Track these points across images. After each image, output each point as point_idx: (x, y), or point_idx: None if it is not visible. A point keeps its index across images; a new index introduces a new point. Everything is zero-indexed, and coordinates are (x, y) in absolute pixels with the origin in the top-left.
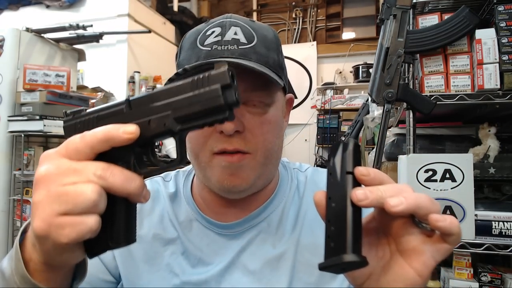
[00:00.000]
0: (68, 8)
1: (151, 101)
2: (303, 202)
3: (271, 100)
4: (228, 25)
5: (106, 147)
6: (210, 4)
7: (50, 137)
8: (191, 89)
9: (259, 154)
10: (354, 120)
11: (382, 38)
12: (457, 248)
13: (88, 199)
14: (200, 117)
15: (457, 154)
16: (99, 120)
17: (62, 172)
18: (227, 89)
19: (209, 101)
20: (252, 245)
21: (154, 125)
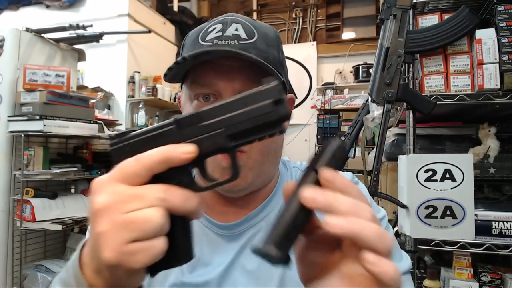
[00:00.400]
0: (68, 8)
1: (201, 120)
2: None
3: None
4: (229, 21)
5: (164, 168)
6: (210, 4)
7: (50, 137)
8: (243, 106)
9: (254, 152)
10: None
11: (382, 38)
12: (457, 248)
13: (156, 223)
14: (253, 133)
15: (457, 154)
16: (149, 142)
17: (124, 199)
18: (279, 103)
19: (262, 117)
20: (250, 244)
21: (207, 144)
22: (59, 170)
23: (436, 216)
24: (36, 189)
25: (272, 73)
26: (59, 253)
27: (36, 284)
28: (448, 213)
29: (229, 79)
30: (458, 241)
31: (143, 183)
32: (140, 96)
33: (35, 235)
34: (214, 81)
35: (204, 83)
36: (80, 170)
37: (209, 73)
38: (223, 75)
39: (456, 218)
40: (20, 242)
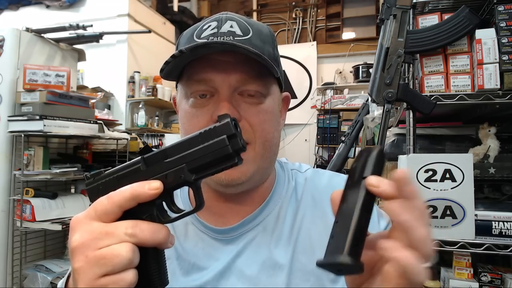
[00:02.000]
0: (68, 8)
1: (165, 157)
2: (301, 205)
3: (267, 91)
4: (224, 19)
5: (133, 204)
6: (210, 4)
7: (50, 137)
8: (200, 142)
9: (258, 144)
10: (354, 120)
11: (382, 38)
12: (457, 248)
13: (124, 258)
14: (212, 166)
15: (457, 154)
16: (120, 180)
17: (96, 237)
18: (232, 138)
19: (218, 151)
20: (248, 249)
21: (171, 178)
22: (59, 170)
23: (436, 216)
24: (36, 189)
25: (268, 65)
26: (59, 253)
27: (36, 284)
28: (448, 213)
29: (225, 75)
30: (458, 241)
31: (115, 219)
32: (140, 96)
33: (35, 235)
34: (210, 77)
35: (200, 79)
36: (80, 170)
37: (206, 69)
38: (219, 70)
39: (456, 218)
40: (20, 242)
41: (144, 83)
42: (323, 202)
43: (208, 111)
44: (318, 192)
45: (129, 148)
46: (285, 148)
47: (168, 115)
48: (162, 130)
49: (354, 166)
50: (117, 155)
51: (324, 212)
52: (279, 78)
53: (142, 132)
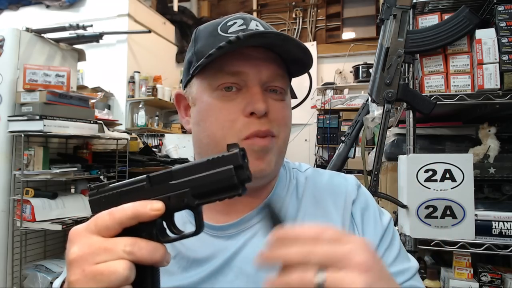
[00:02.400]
0: (68, 8)
1: (170, 179)
2: (302, 204)
3: (287, 89)
4: (249, 18)
5: (134, 222)
6: (210, 4)
7: (50, 137)
8: (207, 169)
9: (281, 139)
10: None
11: (382, 38)
12: (457, 248)
13: (121, 275)
14: (216, 194)
15: (457, 154)
16: (123, 196)
17: (94, 251)
18: (239, 169)
19: (224, 180)
20: (247, 247)
21: (174, 201)
22: (59, 170)
23: (436, 216)
24: (36, 189)
25: (306, 61)
26: (59, 253)
27: (36, 284)
28: (448, 213)
29: (258, 69)
30: (458, 241)
31: (114, 235)
32: (140, 96)
33: (35, 235)
34: (243, 70)
35: (233, 72)
36: (80, 170)
37: (239, 62)
38: (252, 64)
39: (456, 218)
40: (20, 242)
41: (144, 83)
42: (324, 201)
43: (239, 104)
44: (319, 191)
45: (129, 148)
46: None
47: (168, 115)
48: (162, 130)
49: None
50: (117, 155)
51: (325, 210)
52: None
53: (142, 132)
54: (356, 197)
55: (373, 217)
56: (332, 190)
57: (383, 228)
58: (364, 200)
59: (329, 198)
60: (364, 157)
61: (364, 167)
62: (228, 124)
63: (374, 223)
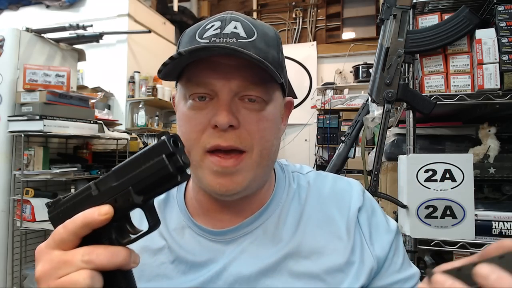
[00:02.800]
0: (68, 8)
1: (112, 180)
2: (306, 208)
3: (269, 97)
4: (228, 19)
5: (88, 231)
6: (210, 4)
7: (50, 137)
8: (142, 163)
9: (255, 153)
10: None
11: (382, 38)
12: (457, 248)
13: (82, 285)
14: (157, 186)
15: (457, 154)
16: (76, 206)
17: (55, 266)
18: (172, 156)
19: (159, 171)
20: (247, 252)
21: (121, 202)
22: (59, 170)
23: (436, 216)
24: (36, 189)
25: (271, 72)
26: None
27: (36, 284)
28: (448, 213)
29: (226, 79)
30: (458, 241)
31: (74, 246)
32: (140, 96)
33: (35, 235)
34: (210, 81)
35: (200, 82)
36: (80, 170)
37: (206, 72)
38: (220, 74)
39: (456, 218)
40: (20, 242)
41: (144, 83)
42: (328, 206)
43: (206, 115)
44: (323, 196)
45: (129, 148)
46: (285, 148)
47: (168, 115)
48: (162, 130)
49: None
50: (117, 155)
51: (329, 216)
52: (283, 83)
53: (142, 132)
54: (362, 204)
55: (382, 223)
56: (336, 195)
57: (391, 234)
58: (370, 207)
59: (333, 204)
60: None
61: (364, 167)
62: (195, 135)
63: (383, 230)
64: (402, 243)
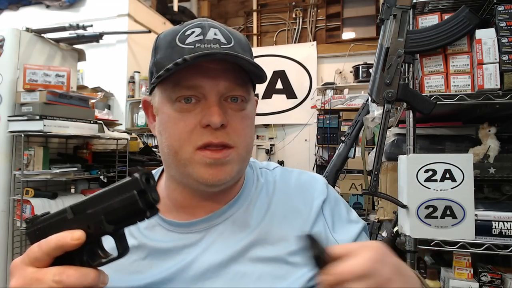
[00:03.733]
0: (68, 8)
1: (87, 208)
2: (273, 200)
3: (249, 97)
4: (207, 26)
5: (60, 252)
6: (210, 4)
7: (50, 137)
8: (115, 196)
9: (241, 148)
10: (354, 120)
11: (382, 38)
12: (457, 248)
13: None
14: (127, 218)
15: (457, 154)
16: (52, 227)
17: (27, 282)
18: (142, 193)
19: (129, 206)
20: (217, 242)
21: (93, 229)
22: (59, 170)
23: (436, 216)
24: (36, 189)
25: (260, 74)
26: None
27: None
28: (448, 213)
29: (214, 82)
30: (458, 241)
31: (47, 265)
32: (140, 96)
33: None
34: (200, 83)
35: (189, 85)
36: (80, 170)
37: (195, 75)
38: (208, 77)
39: (456, 218)
40: (20, 242)
41: (144, 83)
42: (294, 198)
43: (196, 116)
44: (289, 188)
45: (129, 148)
46: (285, 148)
47: None
48: None
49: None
50: (117, 155)
51: (295, 207)
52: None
53: (142, 132)
54: (326, 197)
55: (343, 214)
56: (301, 188)
57: (356, 225)
58: (334, 199)
59: (299, 196)
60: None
61: (364, 167)
62: (185, 135)
63: (345, 220)
64: (367, 238)
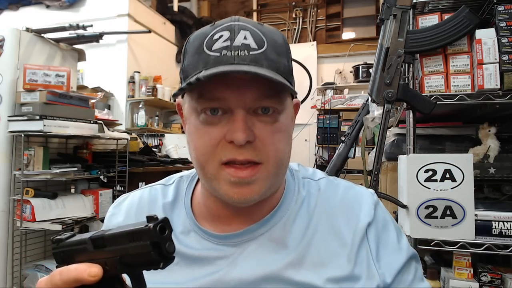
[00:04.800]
0: (68, 8)
1: (105, 244)
2: (313, 218)
3: (282, 107)
4: (237, 29)
5: (78, 284)
6: (210, 4)
7: (50, 137)
8: (132, 240)
9: (271, 164)
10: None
11: (382, 38)
12: (457, 248)
13: None
14: (141, 265)
15: (457, 154)
16: (74, 254)
17: None
18: (155, 246)
19: (144, 255)
20: (251, 257)
21: (110, 266)
22: (59, 170)
23: (436, 216)
24: (36, 189)
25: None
26: None
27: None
28: (448, 213)
29: (240, 94)
30: (458, 241)
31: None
32: (140, 96)
33: (35, 235)
34: (224, 96)
35: (213, 97)
36: (80, 170)
37: (219, 87)
38: (233, 89)
39: (456, 218)
40: (20, 242)
41: (144, 83)
42: (337, 218)
43: (221, 130)
44: (332, 206)
45: (129, 148)
46: None
47: (168, 115)
48: (162, 130)
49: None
50: (117, 155)
51: (336, 229)
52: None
53: (142, 132)
54: (372, 219)
55: (391, 241)
56: (346, 206)
57: (403, 255)
58: (382, 221)
59: (342, 216)
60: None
61: (364, 167)
62: (210, 149)
63: (392, 248)
64: (417, 267)
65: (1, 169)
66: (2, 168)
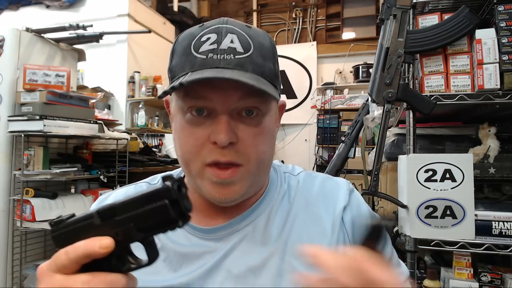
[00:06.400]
0: (68, 8)
1: (115, 214)
2: (293, 207)
3: (266, 108)
4: (224, 32)
5: (88, 260)
6: (210, 4)
7: (50, 137)
8: (145, 204)
9: (251, 165)
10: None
11: (382, 38)
12: (457, 248)
13: None
14: (158, 227)
15: (457, 154)
16: (78, 232)
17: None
18: (174, 204)
19: (161, 215)
20: (237, 249)
21: (122, 236)
22: (59, 170)
23: (436, 216)
24: (36, 189)
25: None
26: None
27: (36, 284)
28: (448, 213)
29: (224, 96)
30: (458, 241)
31: (74, 272)
32: (140, 96)
33: (35, 235)
34: (209, 96)
35: (199, 96)
36: (80, 170)
37: (205, 87)
38: (218, 91)
39: (456, 218)
40: (20, 242)
41: (144, 83)
42: (316, 205)
43: (205, 130)
44: (311, 195)
45: (129, 148)
46: (285, 148)
47: (168, 115)
48: (162, 130)
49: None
50: (117, 155)
51: (316, 215)
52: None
53: (142, 132)
54: (347, 203)
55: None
56: (324, 194)
57: None
58: (356, 206)
59: (321, 203)
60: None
61: (364, 167)
62: (195, 149)
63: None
64: (389, 243)
65: (1, 169)
66: (2, 168)
